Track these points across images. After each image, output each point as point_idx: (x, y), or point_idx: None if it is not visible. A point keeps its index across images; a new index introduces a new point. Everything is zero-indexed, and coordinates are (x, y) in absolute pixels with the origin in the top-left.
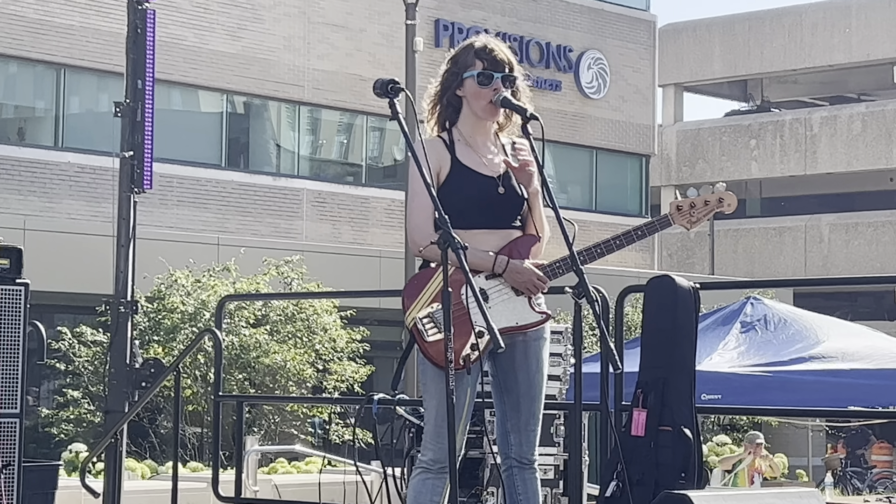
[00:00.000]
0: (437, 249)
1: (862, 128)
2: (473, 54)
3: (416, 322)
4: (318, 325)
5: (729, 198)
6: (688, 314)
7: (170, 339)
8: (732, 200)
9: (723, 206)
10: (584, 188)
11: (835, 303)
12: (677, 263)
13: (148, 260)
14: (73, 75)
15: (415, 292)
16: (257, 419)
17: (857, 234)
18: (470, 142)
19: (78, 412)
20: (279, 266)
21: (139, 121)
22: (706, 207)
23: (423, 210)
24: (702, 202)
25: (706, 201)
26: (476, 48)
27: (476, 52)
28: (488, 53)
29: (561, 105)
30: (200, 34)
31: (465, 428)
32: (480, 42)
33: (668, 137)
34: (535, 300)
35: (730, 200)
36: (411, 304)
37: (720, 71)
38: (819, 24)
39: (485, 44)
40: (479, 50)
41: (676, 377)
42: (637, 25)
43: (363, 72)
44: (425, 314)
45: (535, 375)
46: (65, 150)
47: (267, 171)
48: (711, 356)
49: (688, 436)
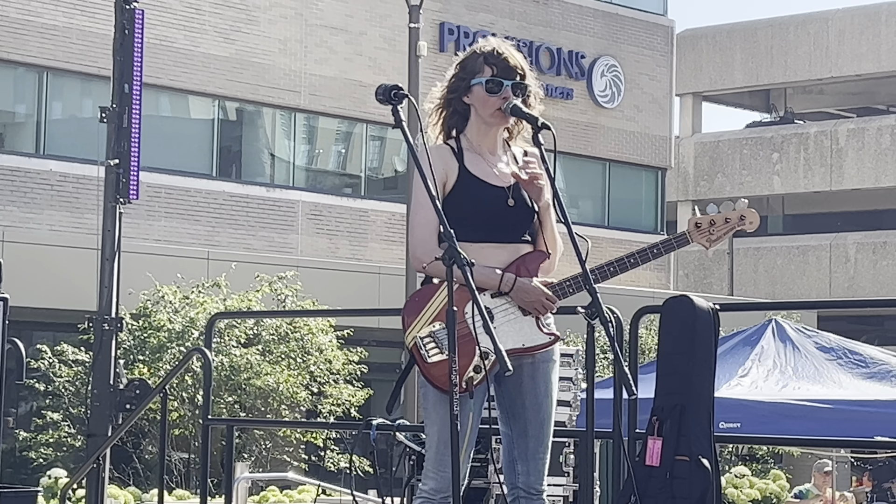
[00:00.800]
0: (441, 266)
1: (891, 141)
2: (483, 59)
3: (416, 342)
4: (313, 346)
5: (751, 215)
6: (707, 337)
7: (156, 359)
8: (755, 218)
9: (744, 224)
10: (597, 202)
11: (861, 326)
12: (694, 283)
13: (134, 275)
14: (57, 78)
15: (416, 310)
16: (248, 444)
17: (886, 253)
18: (478, 150)
19: (58, 435)
20: (272, 282)
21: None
22: (727, 225)
23: (426, 223)
24: (722, 220)
25: (727, 219)
26: (486, 53)
27: (485, 56)
28: (498, 58)
29: (572, 114)
30: (191, 36)
31: (469, 456)
32: (490, 46)
33: (685, 150)
34: (544, 321)
35: (752, 218)
36: (412, 322)
37: (741, 80)
38: (846, 32)
39: (495, 48)
40: (488, 55)
41: (694, 404)
42: (654, 31)
43: (363, 77)
44: (427, 333)
45: (544, 400)
46: (46, 158)
47: (260, 182)
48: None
49: (706, 466)
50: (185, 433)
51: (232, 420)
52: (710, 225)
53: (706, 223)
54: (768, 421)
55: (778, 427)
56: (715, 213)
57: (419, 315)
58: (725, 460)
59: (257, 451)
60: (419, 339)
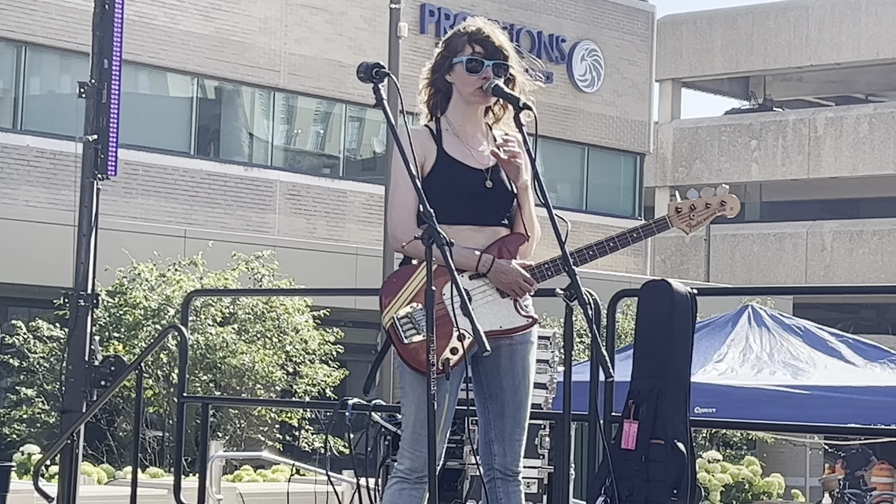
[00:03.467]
0: (420, 245)
1: (869, 130)
2: (466, 38)
3: (393, 322)
4: (289, 325)
5: (731, 201)
6: (684, 322)
7: (131, 336)
8: (735, 204)
9: (725, 210)
10: (575, 187)
11: (836, 314)
12: (671, 269)
13: (110, 252)
14: (35, 54)
15: (393, 290)
16: (222, 423)
17: (862, 242)
18: (459, 132)
19: (32, 412)
20: (249, 261)
21: (105, 103)
22: (707, 210)
23: (405, 203)
24: (702, 205)
25: (707, 204)
26: (470, 32)
27: (469, 35)
28: (482, 38)
29: (552, 98)
30: (171, 13)
31: (445, 436)
32: (474, 26)
33: (664, 135)
34: (522, 303)
35: (732, 203)
36: (389, 302)
37: (721, 67)
38: (826, 20)
39: (479, 28)
40: (472, 34)
41: (671, 388)
42: (634, 16)
43: (343, 58)
44: (404, 314)
45: (521, 381)
46: (24, 133)
47: (238, 161)
48: (706, 367)
49: (681, 450)
50: (160, 411)
51: (207, 398)
52: (691, 210)
53: (686, 208)
54: (743, 406)
55: (753, 412)
56: (695, 198)
57: (397, 295)
58: (699, 445)
59: (232, 430)
60: (396, 319)
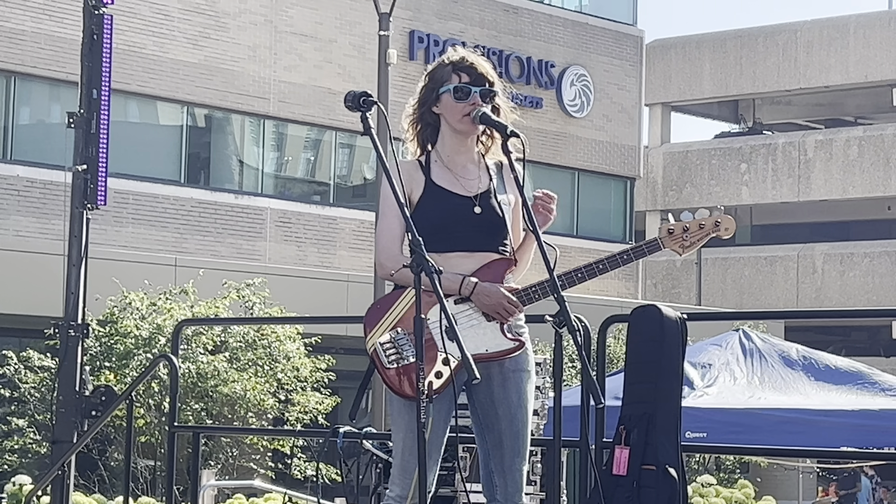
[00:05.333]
0: (409, 273)
1: (859, 153)
2: (451, 68)
3: (375, 348)
4: (280, 353)
5: (726, 222)
6: (674, 346)
7: (122, 366)
8: (731, 225)
9: (720, 231)
10: (565, 212)
11: (828, 337)
12: (662, 293)
13: (100, 281)
14: (24, 84)
15: (377, 317)
16: (214, 452)
17: (853, 264)
18: (448, 163)
19: (23, 442)
20: (240, 289)
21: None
22: (701, 231)
23: (391, 232)
24: (696, 226)
25: (701, 225)
26: (454, 61)
27: (454, 65)
28: (467, 66)
29: (542, 123)
30: (160, 42)
31: (436, 462)
32: (458, 55)
33: (654, 159)
34: (514, 324)
35: (727, 224)
36: (372, 328)
37: (710, 90)
38: (815, 43)
39: (463, 56)
40: (456, 63)
41: (661, 413)
42: (623, 41)
43: (333, 85)
44: (387, 339)
45: (518, 411)
46: (14, 163)
47: (229, 189)
48: (697, 391)
49: (673, 476)
50: (152, 440)
51: (198, 427)
52: (684, 231)
53: (679, 229)
54: (735, 430)
55: (744, 437)
56: (689, 220)
57: (380, 321)
58: (692, 470)
59: (224, 459)
60: (378, 344)
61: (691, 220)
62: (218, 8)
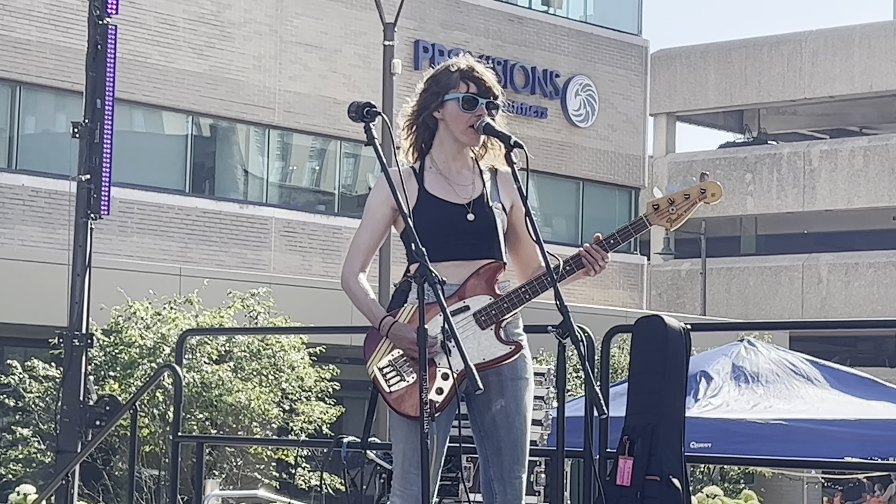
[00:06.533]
0: (354, 291)
1: (864, 163)
2: (458, 75)
3: (375, 373)
4: (284, 363)
5: (712, 187)
6: (678, 357)
7: (127, 375)
8: (716, 190)
9: (706, 197)
10: (570, 222)
11: (833, 347)
12: (667, 303)
13: (105, 290)
14: (29, 93)
15: (375, 342)
16: (218, 462)
17: (858, 275)
18: (443, 169)
19: (27, 451)
20: (245, 299)
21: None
22: (687, 202)
23: (358, 243)
24: (681, 197)
25: (686, 195)
26: (462, 69)
27: (461, 73)
28: (474, 76)
29: (546, 133)
30: (165, 52)
31: (437, 474)
32: (466, 63)
33: (659, 169)
34: (506, 332)
35: (713, 190)
36: (371, 354)
37: (715, 100)
38: (819, 53)
39: (471, 66)
40: (464, 71)
41: (665, 424)
42: (628, 50)
43: (337, 94)
44: (386, 363)
45: (516, 418)
46: (19, 173)
47: (233, 199)
48: (701, 402)
49: (676, 486)
50: (156, 450)
51: (202, 437)
52: (670, 204)
53: (664, 203)
54: (740, 440)
55: (749, 447)
56: (674, 191)
57: (378, 346)
58: (697, 480)
59: (228, 469)
60: (377, 369)
61: (676, 191)
62: (223, 18)
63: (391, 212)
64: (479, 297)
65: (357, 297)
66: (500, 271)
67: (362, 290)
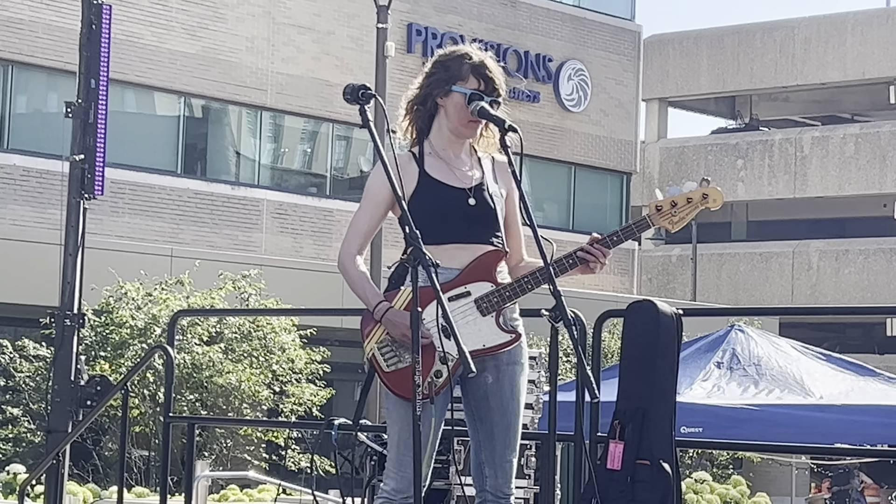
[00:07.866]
0: (348, 270)
1: (855, 150)
2: (469, 69)
3: (373, 352)
4: (275, 344)
5: (714, 193)
6: (670, 342)
7: (118, 356)
8: (718, 196)
9: (708, 203)
10: (561, 206)
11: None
12: (657, 288)
13: (96, 271)
14: (22, 73)
15: (373, 321)
16: (209, 443)
17: (848, 261)
18: (443, 154)
19: (17, 431)
20: (236, 280)
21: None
22: (689, 205)
23: (356, 225)
24: (684, 200)
25: (689, 199)
26: (474, 63)
27: (473, 67)
28: (486, 74)
29: (538, 118)
30: (158, 33)
31: (431, 457)
32: (478, 57)
33: (650, 154)
34: (508, 318)
35: (715, 196)
36: (370, 333)
37: (707, 86)
38: (812, 40)
39: (483, 61)
40: (476, 66)
41: (656, 408)
42: (621, 35)
43: (330, 77)
44: (384, 343)
45: (510, 403)
46: (10, 152)
47: (225, 180)
48: (692, 387)
49: (667, 471)
50: (146, 430)
51: (193, 418)
52: (672, 206)
53: (667, 205)
54: (730, 425)
55: (739, 432)
56: (677, 194)
57: (376, 325)
58: (686, 465)
59: (218, 450)
60: (376, 349)
61: (678, 194)
62: None
63: (391, 195)
64: (481, 283)
65: (353, 279)
66: (501, 259)
67: (359, 272)
